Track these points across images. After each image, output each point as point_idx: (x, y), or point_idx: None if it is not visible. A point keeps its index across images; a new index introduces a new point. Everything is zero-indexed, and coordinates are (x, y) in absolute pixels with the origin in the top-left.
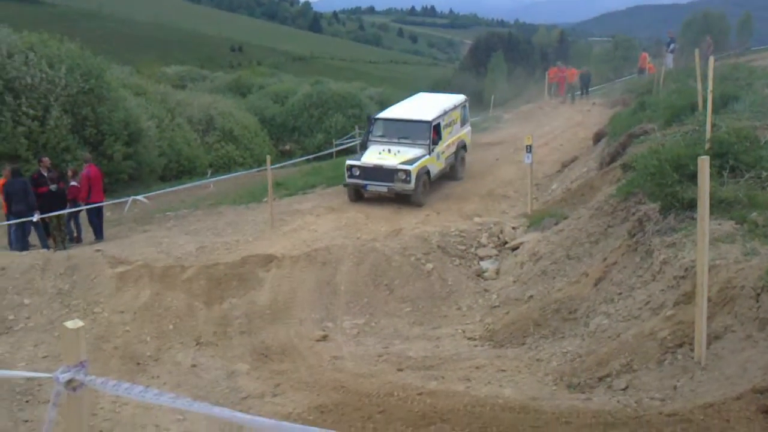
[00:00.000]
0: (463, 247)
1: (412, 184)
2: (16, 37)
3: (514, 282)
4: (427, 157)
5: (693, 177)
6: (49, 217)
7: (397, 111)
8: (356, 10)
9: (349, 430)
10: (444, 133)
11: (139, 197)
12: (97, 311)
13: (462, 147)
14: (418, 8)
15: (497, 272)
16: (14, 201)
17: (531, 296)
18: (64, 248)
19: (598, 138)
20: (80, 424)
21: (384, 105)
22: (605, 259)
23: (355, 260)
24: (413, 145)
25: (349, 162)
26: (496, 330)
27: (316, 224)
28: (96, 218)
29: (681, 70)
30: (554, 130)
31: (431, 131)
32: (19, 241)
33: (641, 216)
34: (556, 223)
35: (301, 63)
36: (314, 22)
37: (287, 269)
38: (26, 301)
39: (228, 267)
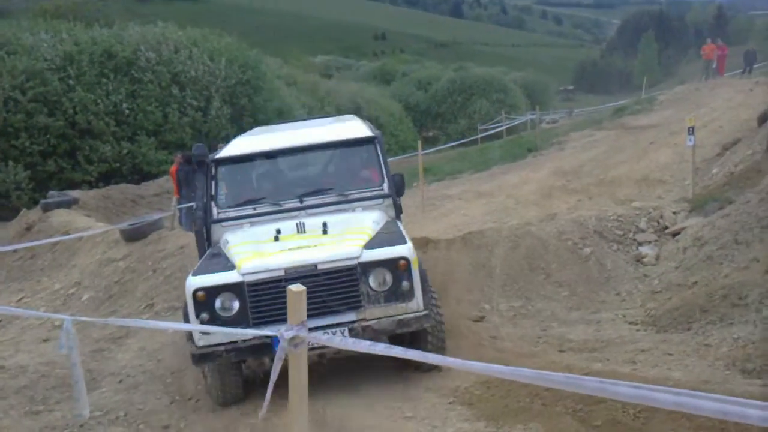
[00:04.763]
0: (621, 232)
1: (420, 301)
2: (181, 33)
3: (677, 268)
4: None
5: None
6: None
7: (272, 140)
8: None
9: (517, 405)
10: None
11: None
12: None
13: None
14: None
15: (657, 258)
16: (182, 186)
17: (695, 282)
18: None
19: (763, 119)
20: (302, 377)
21: (529, 90)
22: None
23: (510, 244)
24: (341, 208)
25: (197, 284)
26: (658, 315)
27: (466, 209)
28: None
29: None
30: (713, 111)
31: (381, 157)
32: (188, 222)
33: None
34: (721, 208)
35: (444, 49)
36: (455, 7)
37: (443, 251)
38: None
39: None
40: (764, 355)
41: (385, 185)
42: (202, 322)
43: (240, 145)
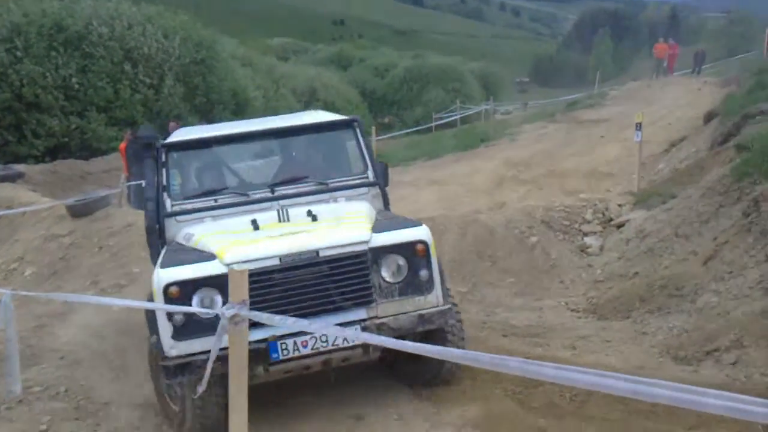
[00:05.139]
0: (568, 223)
1: (440, 293)
2: (136, 9)
3: (619, 258)
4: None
5: None
6: None
7: (234, 126)
8: None
9: (457, 388)
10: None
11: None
12: None
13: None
14: None
15: (601, 248)
16: (132, 163)
17: (636, 273)
18: None
19: (709, 118)
20: (242, 353)
21: (485, 80)
22: (716, 239)
23: (460, 231)
24: (320, 199)
25: (169, 278)
26: (599, 304)
27: (418, 196)
28: None
29: None
30: (662, 109)
31: (362, 142)
32: (136, 200)
33: (757, 196)
34: (664, 202)
35: (402, 36)
36: None
37: None
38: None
39: None
40: (696, 344)
41: (370, 173)
42: (176, 326)
43: (196, 130)
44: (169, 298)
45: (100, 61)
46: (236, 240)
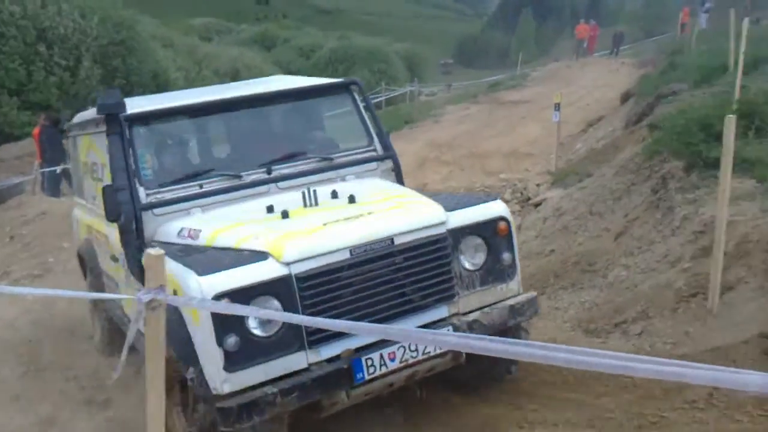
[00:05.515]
0: None
1: (520, 279)
2: None
3: (536, 237)
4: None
5: (719, 137)
6: None
7: (207, 93)
8: None
9: None
10: None
11: None
12: None
13: None
14: None
15: (519, 227)
16: (46, 149)
17: (552, 250)
18: None
19: (625, 98)
20: (159, 338)
21: (409, 62)
22: (627, 215)
23: None
24: (325, 177)
25: (219, 287)
26: None
27: None
28: None
29: (715, 31)
30: (581, 89)
31: (364, 109)
32: (51, 187)
33: (665, 174)
34: (580, 181)
35: (327, 16)
36: None
37: None
38: (65, 245)
39: None
40: (605, 317)
41: (377, 144)
42: (228, 352)
43: (163, 99)
44: (219, 315)
45: (11, 42)
46: (287, 232)
